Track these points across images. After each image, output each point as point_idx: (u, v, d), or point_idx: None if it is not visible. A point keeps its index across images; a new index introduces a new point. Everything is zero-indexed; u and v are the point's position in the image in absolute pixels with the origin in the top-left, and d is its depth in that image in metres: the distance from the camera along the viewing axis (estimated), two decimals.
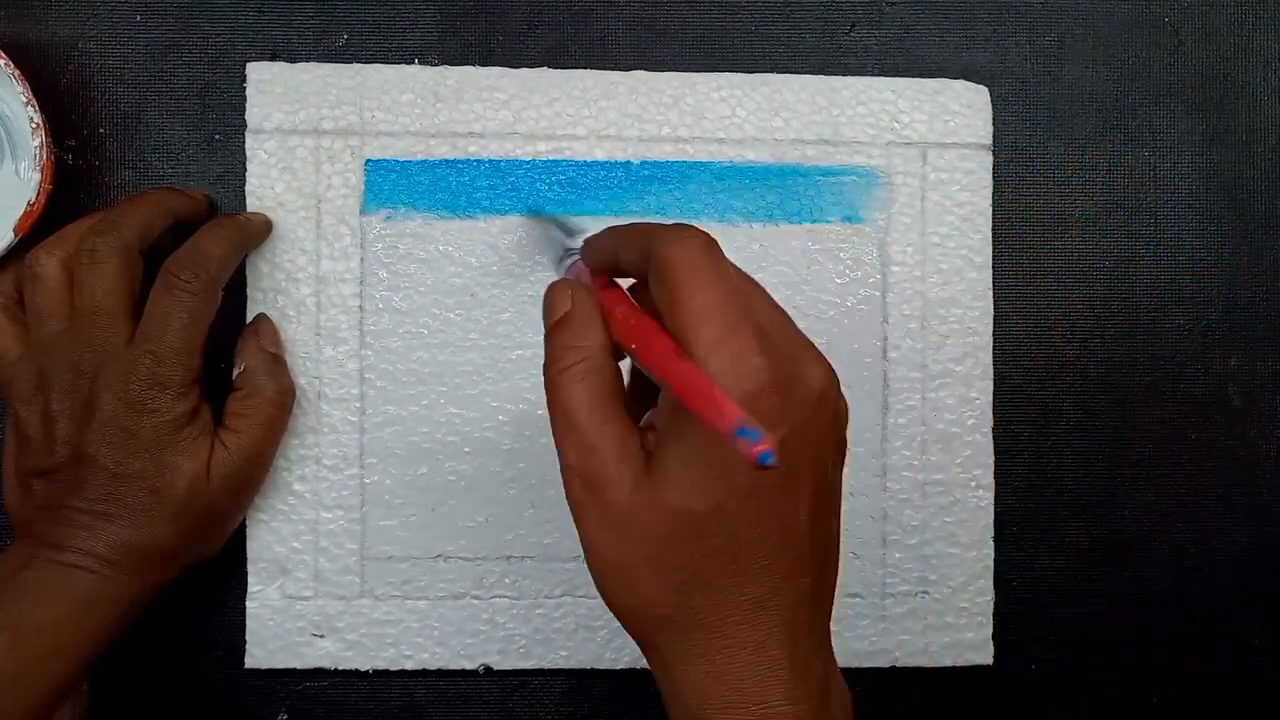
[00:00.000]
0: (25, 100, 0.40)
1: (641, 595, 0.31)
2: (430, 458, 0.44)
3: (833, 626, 0.44)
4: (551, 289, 0.33)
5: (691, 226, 0.31)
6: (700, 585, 0.30)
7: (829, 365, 0.31)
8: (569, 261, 0.37)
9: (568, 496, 0.32)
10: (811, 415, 0.30)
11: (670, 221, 0.32)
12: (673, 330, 0.30)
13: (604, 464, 0.30)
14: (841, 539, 0.34)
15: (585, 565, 0.32)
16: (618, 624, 0.43)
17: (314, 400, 0.43)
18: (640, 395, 0.33)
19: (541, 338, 0.39)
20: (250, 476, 0.41)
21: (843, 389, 0.31)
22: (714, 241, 0.31)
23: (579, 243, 0.38)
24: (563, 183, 0.44)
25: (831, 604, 0.33)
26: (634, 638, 0.32)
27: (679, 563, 0.30)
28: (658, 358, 0.29)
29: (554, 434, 0.32)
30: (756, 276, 0.43)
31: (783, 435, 0.29)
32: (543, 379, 0.32)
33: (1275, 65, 0.47)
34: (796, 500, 0.31)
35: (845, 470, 0.33)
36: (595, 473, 0.30)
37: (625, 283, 0.34)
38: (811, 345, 0.31)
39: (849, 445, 0.33)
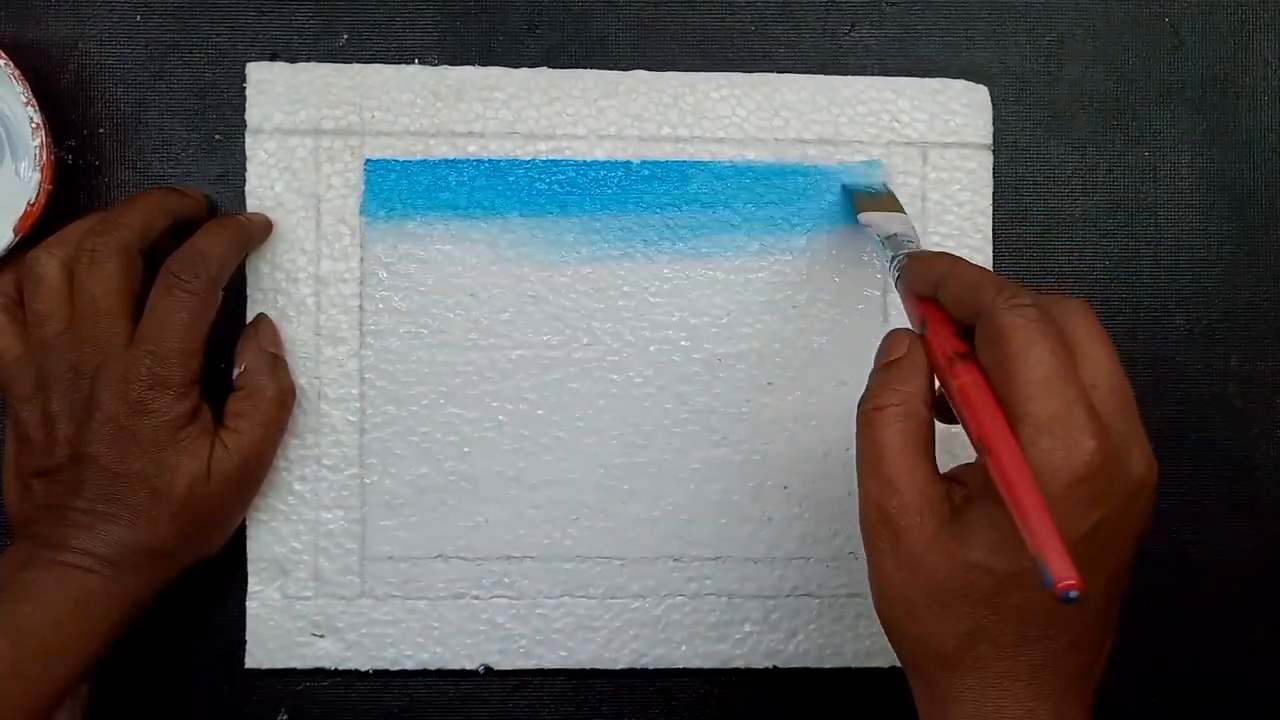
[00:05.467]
0: (25, 100, 0.40)
1: (925, 630, 0.32)
2: (430, 458, 0.44)
3: (833, 626, 0.45)
4: (892, 334, 0.34)
5: (1025, 290, 0.31)
6: (985, 639, 0.31)
7: (1151, 452, 0.32)
8: (896, 265, 0.37)
9: (863, 527, 0.32)
10: (1127, 502, 0.31)
11: (1000, 276, 0.32)
12: (1002, 397, 0.30)
13: (905, 505, 0.31)
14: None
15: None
16: (618, 623, 0.44)
17: (314, 400, 0.43)
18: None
19: (543, 336, 0.43)
20: (250, 476, 0.41)
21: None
22: (1048, 311, 0.31)
23: (902, 245, 0.38)
24: (562, 182, 0.44)
25: (1101, 678, 0.33)
26: (905, 662, 0.33)
27: (967, 613, 0.31)
28: (989, 439, 0.29)
29: (859, 469, 0.33)
30: (756, 276, 0.44)
31: (1096, 521, 0.29)
32: (855, 415, 0.33)
33: (1275, 65, 0.47)
34: (1095, 579, 0.30)
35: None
36: (895, 512, 0.31)
37: None
38: (1141, 429, 0.32)
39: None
